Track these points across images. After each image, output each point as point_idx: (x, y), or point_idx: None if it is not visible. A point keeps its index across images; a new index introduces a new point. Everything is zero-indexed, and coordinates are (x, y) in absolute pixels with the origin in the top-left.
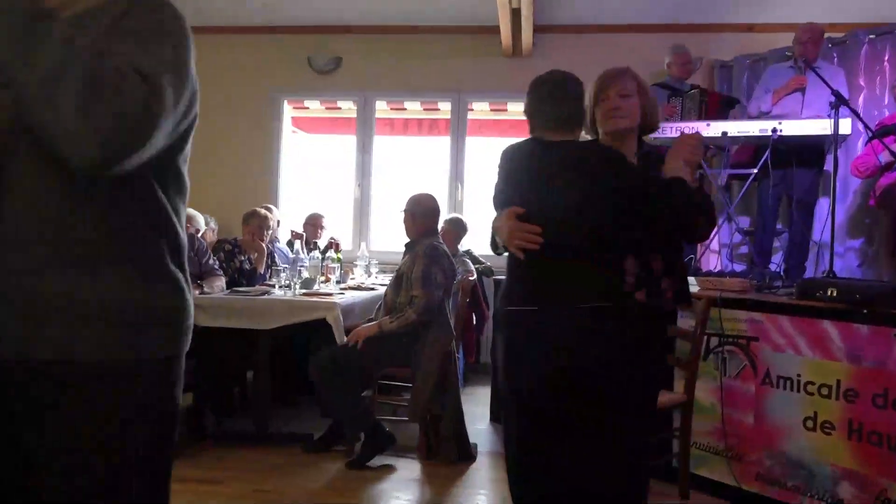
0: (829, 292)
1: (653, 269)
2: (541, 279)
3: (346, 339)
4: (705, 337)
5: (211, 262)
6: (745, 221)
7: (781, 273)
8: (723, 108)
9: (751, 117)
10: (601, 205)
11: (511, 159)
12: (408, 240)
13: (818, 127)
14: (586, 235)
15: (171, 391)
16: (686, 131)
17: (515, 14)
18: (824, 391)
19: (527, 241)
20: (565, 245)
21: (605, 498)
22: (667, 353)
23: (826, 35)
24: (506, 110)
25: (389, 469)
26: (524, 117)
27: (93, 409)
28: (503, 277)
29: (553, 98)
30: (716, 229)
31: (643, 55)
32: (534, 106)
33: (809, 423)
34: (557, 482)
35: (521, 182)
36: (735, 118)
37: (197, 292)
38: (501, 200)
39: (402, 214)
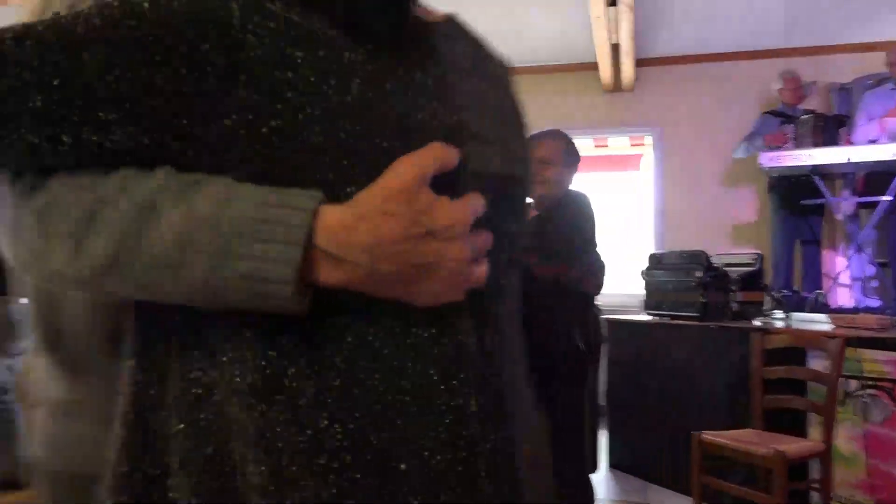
0: None
1: None
2: None
3: None
4: (843, 379)
5: None
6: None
7: None
8: (830, 129)
9: None
10: None
11: None
12: None
13: None
14: None
15: None
16: None
17: (615, 49)
18: None
19: None
20: None
21: None
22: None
23: None
24: (606, 146)
25: None
26: (626, 152)
27: None
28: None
29: None
30: (846, 261)
31: (753, 83)
32: None
33: None
34: None
35: None
36: (846, 138)
37: None
38: None
39: None
